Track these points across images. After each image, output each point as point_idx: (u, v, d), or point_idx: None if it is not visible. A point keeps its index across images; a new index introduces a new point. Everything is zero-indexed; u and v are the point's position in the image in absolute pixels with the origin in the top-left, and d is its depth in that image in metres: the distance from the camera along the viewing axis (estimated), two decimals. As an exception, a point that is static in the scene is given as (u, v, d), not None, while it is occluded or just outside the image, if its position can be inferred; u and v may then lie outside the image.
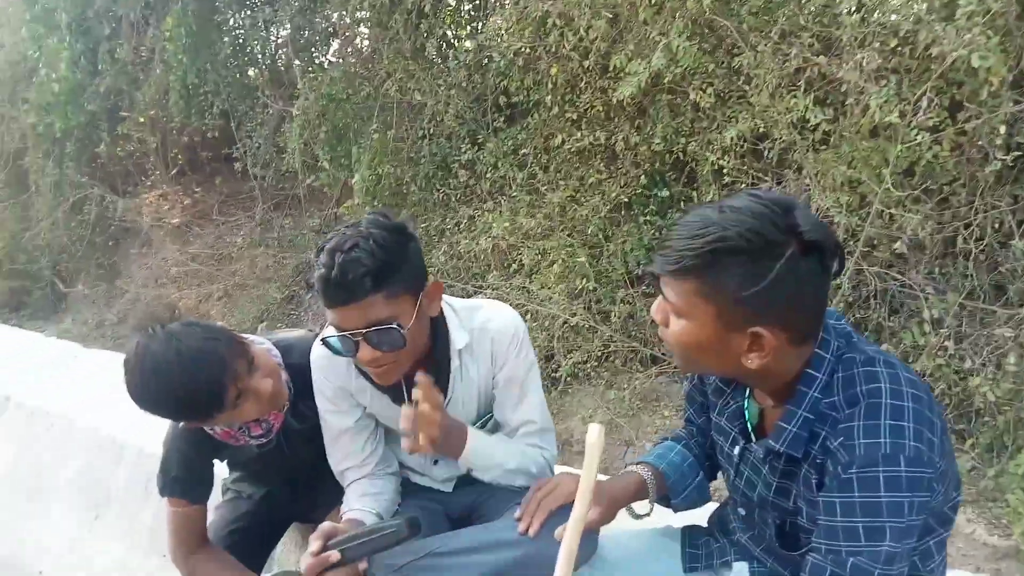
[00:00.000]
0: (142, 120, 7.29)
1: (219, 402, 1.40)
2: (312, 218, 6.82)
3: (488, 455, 1.51)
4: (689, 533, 1.48)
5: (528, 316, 4.21)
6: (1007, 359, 2.83)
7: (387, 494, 1.61)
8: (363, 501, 1.56)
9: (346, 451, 1.61)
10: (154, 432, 2.67)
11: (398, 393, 1.52)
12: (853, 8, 3.20)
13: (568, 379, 4.27)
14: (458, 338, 1.52)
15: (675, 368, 4.10)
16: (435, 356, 1.51)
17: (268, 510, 1.81)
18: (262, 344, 1.59)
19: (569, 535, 1.16)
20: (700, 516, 1.53)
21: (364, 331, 1.33)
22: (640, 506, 1.42)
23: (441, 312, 1.52)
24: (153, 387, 1.36)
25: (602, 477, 1.46)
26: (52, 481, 2.84)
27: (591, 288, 4.18)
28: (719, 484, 1.49)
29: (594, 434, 1.14)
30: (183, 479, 1.60)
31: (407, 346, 1.37)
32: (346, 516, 1.53)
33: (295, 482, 1.79)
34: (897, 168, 3.02)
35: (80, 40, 6.88)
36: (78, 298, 7.91)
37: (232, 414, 1.45)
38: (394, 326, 1.34)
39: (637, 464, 1.45)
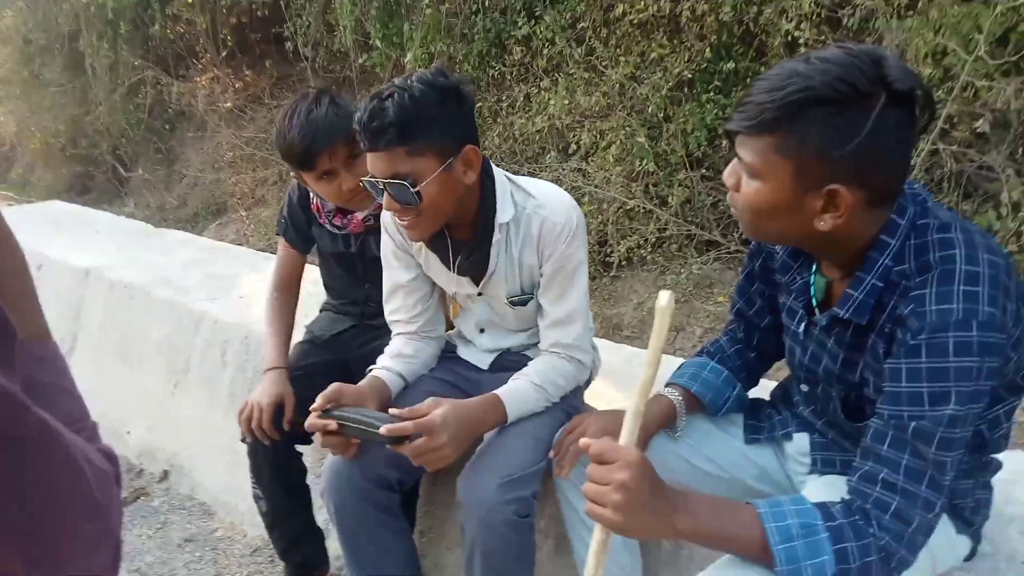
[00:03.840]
0: (190, 0, 7.17)
1: (331, 146, 1.66)
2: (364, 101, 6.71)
3: (527, 409, 1.54)
4: (751, 405, 1.50)
5: (585, 199, 4.16)
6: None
7: (421, 357, 1.70)
8: (394, 361, 1.65)
9: (397, 304, 1.70)
10: (228, 305, 2.83)
11: (445, 255, 1.58)
12: None
13: (621, 264, 4.26)
14: (503, 212, 1.50)
15: (731, 253, 4.05)
16: (478, 225, 1.51)
17: (332, 354, 2.01)
18: None
19: (636, 399, 1.17)
20: (762, 390, 1.54)
21: (382, 181, 1.36)
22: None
23: (492, 182, 1.51)
24: (316, 115, 1.67)
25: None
26: (136, 348, 3.01)
27: (649, 171, 4.09)
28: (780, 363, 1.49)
29: (664, 300, 1.13)
30: (290, 225, 1.98)
31: (423, 205, 1.38)
32: (371, 372, 1.63)
33: (363, 316, 2.04)
34: (990, 36, 2.79)
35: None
36: (139, 182, 8.10)
37: (331, 175, 1.71)
38: (406, 183, 1.34)
39: (667, 386, 1.44)
